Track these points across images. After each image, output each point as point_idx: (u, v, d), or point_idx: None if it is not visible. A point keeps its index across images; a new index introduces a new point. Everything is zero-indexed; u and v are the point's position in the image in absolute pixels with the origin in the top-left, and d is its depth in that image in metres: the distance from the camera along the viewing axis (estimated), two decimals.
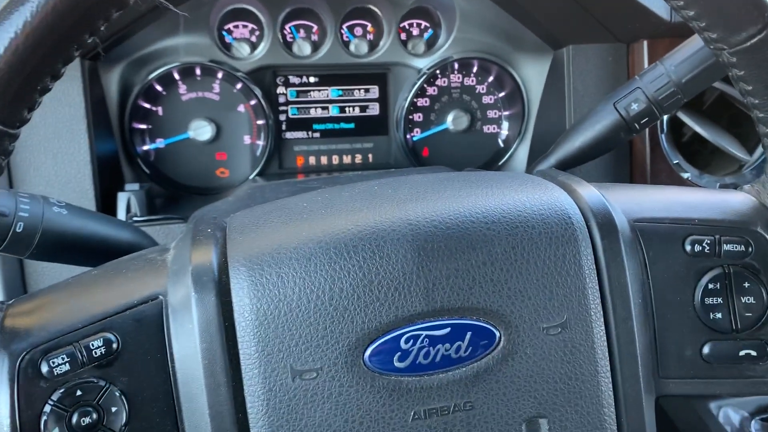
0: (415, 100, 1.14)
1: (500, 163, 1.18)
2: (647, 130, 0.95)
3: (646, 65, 0.98)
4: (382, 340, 0.48)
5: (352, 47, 1.10)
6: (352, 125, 1.15)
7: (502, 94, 1.17)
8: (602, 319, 0.51)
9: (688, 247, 0.55)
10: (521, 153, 1.18)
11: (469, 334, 0.49)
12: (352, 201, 0.54)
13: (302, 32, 1.10)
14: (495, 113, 1.18)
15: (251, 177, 1.10)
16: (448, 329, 0.49)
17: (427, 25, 1.14)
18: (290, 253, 0.49)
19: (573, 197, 0.55)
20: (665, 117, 0.97)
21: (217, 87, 1.07)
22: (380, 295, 0.48)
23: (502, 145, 1.18)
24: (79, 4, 0.41)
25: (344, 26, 1.11)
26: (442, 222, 0.51)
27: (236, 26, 1.07)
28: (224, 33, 1.07)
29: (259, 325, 0.47)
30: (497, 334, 0.50)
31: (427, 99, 1.15)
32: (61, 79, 0.44)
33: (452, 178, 0.59)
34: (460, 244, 0.50)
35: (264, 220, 0.54)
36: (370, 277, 0.48)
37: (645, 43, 0.98)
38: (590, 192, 0.55)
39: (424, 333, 0.49)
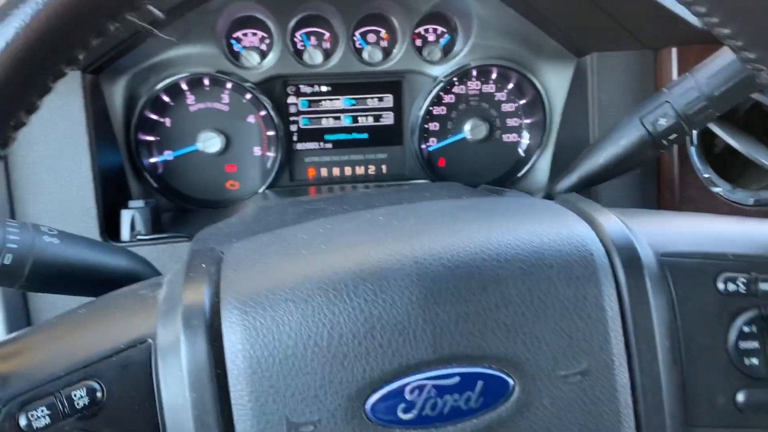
0: (430, 108, 1.10)
1: (520, 174, 1.14)
2: None
3: (674, 73, 0.93)
4: (386, 390, 0.44)
5: (365, 55, 1.06)
6: (365, 135, 1.11)
7: (522, 102, 1.12)
8: (626, 365, 0.47)
9: (720, 286, 0.50)
10: (543, 164, 1.13)
11: (480, 383, 0.45)
12: (354, 234, 0.51)
13: (313, 40, 1.06)
14: (515, 121, 1.13)
15: (261, 190, 1.07)
16: (458, 378, 0.45)
17: (444, 30, 1.09)
18: (286, 294, 0.45)
19: (594, 229, 0.50)
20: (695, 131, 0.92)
21: (226, 97, 1.04)
22: (383, 341, 0.44)
23: (522, 154, 1.14)
24: (66, 19, 0.38)
25: (357, 33, 1.07)
26: (451, 260, 0.47)
27: (245, 34, 1.04)
28: (233, 41, 1.04)
29: (252, 373, 0.44)
30: (511, 383, 0.46)
31: (443, 107, 1.11)
32: (61, 94, 0.41)
33: (463, 207, 0.55)
34: (470, 285, 0.46)
35: (261, 255, 0.50)
36: (372, 321, 0.45)
37: (674, 50, 0.93)
38: (613, 223, 0.51)
39: (431, 382, 0.45)
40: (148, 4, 0.39)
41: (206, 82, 1.02)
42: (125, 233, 0.89)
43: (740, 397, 0.50)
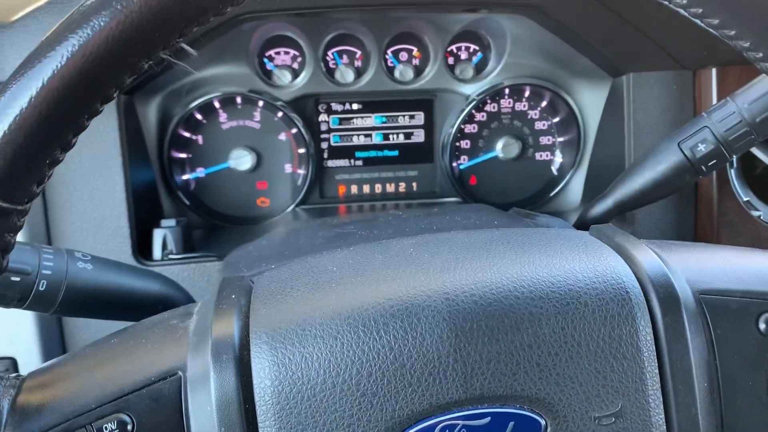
0: (462, 126, 1.09)
1: (552, 193, 1.12)
2: None
3: (714, 94, 0.91)
4: (415, 429, 0.44)
5: (396, 73, 1.06)
6: (395, 153, 1.10)
7: (556, 120, 1.11)
8: (662, 407, 0.46)
9: (762, 326, 0.48)
10: (576, 183, 1.11)
11: (511, 424, 0.44)
12: (384, 268, 0.50)
13: (345, 58, 1.06)
14: (548, 140, 1.12)
15: (292, 207, 1.07)
16: (489, 419, 0.44)
17: (476, 48, 1.08)
18: (315, 330, 0.45)
19: (630, 265, 0.49)
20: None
21: (257, 115, 1.05)
22: (413, 380, 0.44)
23: (555, 173, 1.12)
24: (89, 73, 0.38)
25: (389, 51, 1.07)
26: (483, 297, 0.46)
27: (278, 53, 1.04)
28: (265, 60, 1.04)
29: (280, 409, 0.43)
30: (543, 423, 0.45)
31: (475, 125, 1.10)
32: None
33: (496, 239, 0.54)
34: (502, 324, 0.45)
35: (291, 287, 0.50)
36: (402, 359, 0.44)
37: (713, 71, 0.91)
38: (650, 258, 0.50)
39: (462, 422, 0.44)
40: (183, 44, 0.39)
41: (238, 100, 1.03)
42: (157, 253, 0.89)
43: None
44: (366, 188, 1.11)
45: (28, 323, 0.79)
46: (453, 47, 1.08)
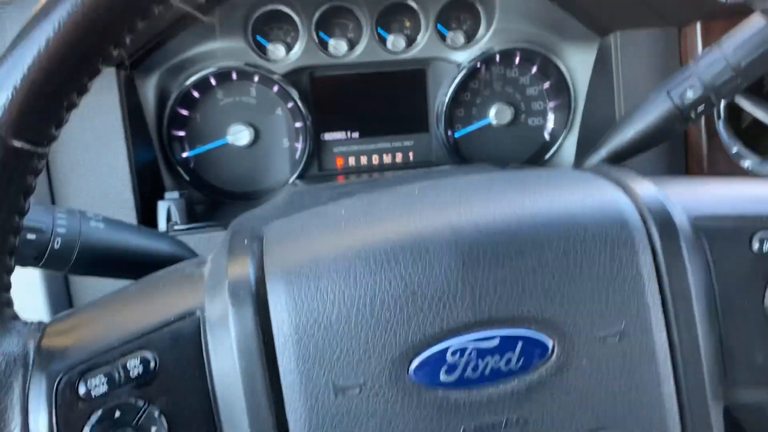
0: (455, 95, 1.11)
1: (547, 157, 1.14)
2: (703, 117, 0.90)
3: (700, 49, 0.93)
4: (428, 353, 0.46)
5: (389, 44, 1.08)
6: (391, 123, 1.12)
7: (546, 85, 1.13)
8: (664, 326, 0.48)
9: (755, 246, 0.51)
10: (569, 146, 1.14)
11: (519, 345, 0.46)
12: (391, 207, 0.52)
13: (338, 31, 1.08)
14: (540, 105, 1.14)
15: (291, 180, 1.09)
16: (497, 341, 0.46)
17: (466, 16, 1.10)
18: (328, 265, 0.47)
19: (628, 195, 0.51)
20: (722, 103, 0.92)
21: (253, 91, 1.06)
22: (424, 307, 0.46)
23: (548, 138, 1.14)
24: (102, 16, 0.40)
25: (380, 22, 1.08)
26: (488, 227, 0.48)
27: (271, 28, 1.06)
28: (258, 36, 1.06)
29: (298, 340, 0.45)
30: (550, 344, 0.46)
31: (468, 93, 1.12)
32: (97, 90, 0.43)
33: (497, 178, 0.56)
34: (507, 250, 0.47)
35: (301, 230, 0.52)
36: (413, 287, 0.46)
37: (698, 26, 0.93)
38: (647, 188, 0.52)
39: (472, 345, 0.46)
40: None
41: (234, 76, 1.04)
42: (162, 224, 0.91)
43: None
44: (363, 159, 1.12)
45: (37, 284, 0.81)
46: (443, 16, 1.10)
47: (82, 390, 0.44)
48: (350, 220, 0.51)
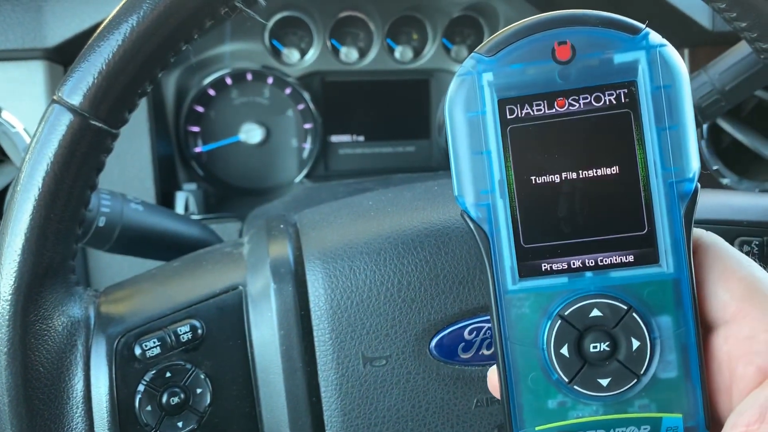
0: None
1: None
2: None
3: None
4: (447, 330, 0.51)
5: (397, 54, 1.14)
6: (395, 129, 1.18)
7: None
8: None
9: (737, 248, 0.57)
10: None
11: None
12: (415, 200, 0.57)
13: (349, 39, 1.14)
14: None
15: (298, 179, 1.14)
16: None
17: (471, 31, 1.17)
18: (361, 248, 0.52)
19: None
20: (705, 125, 0.99)
21: (267, 92, 1.11)
22: (445, 288, 0.51)
23: None
24: (179, 15, 0.45)
25: (390, 34, 1.14)
26: None
27: (286, 34, 1.12)
28: (274, 41, 1.11)
29: (332, 314, 0.50)
30: None
31: None
32: None
33: None
34: None
35: (334, 217, 0.57)
36: (436, 271, 0.51)
37: (686, 51, 1.00)
38: None
39: (487, 325, 0.51)
40: None
41: (249, 77, 1.10)
42: (180, 212, 0.95)
43: None
44: (367, 162, 1.18)
45: None
46: (449, 31, 1.16)
47: (137, 351, 0.49)
48: (379, 210, 0.57)
